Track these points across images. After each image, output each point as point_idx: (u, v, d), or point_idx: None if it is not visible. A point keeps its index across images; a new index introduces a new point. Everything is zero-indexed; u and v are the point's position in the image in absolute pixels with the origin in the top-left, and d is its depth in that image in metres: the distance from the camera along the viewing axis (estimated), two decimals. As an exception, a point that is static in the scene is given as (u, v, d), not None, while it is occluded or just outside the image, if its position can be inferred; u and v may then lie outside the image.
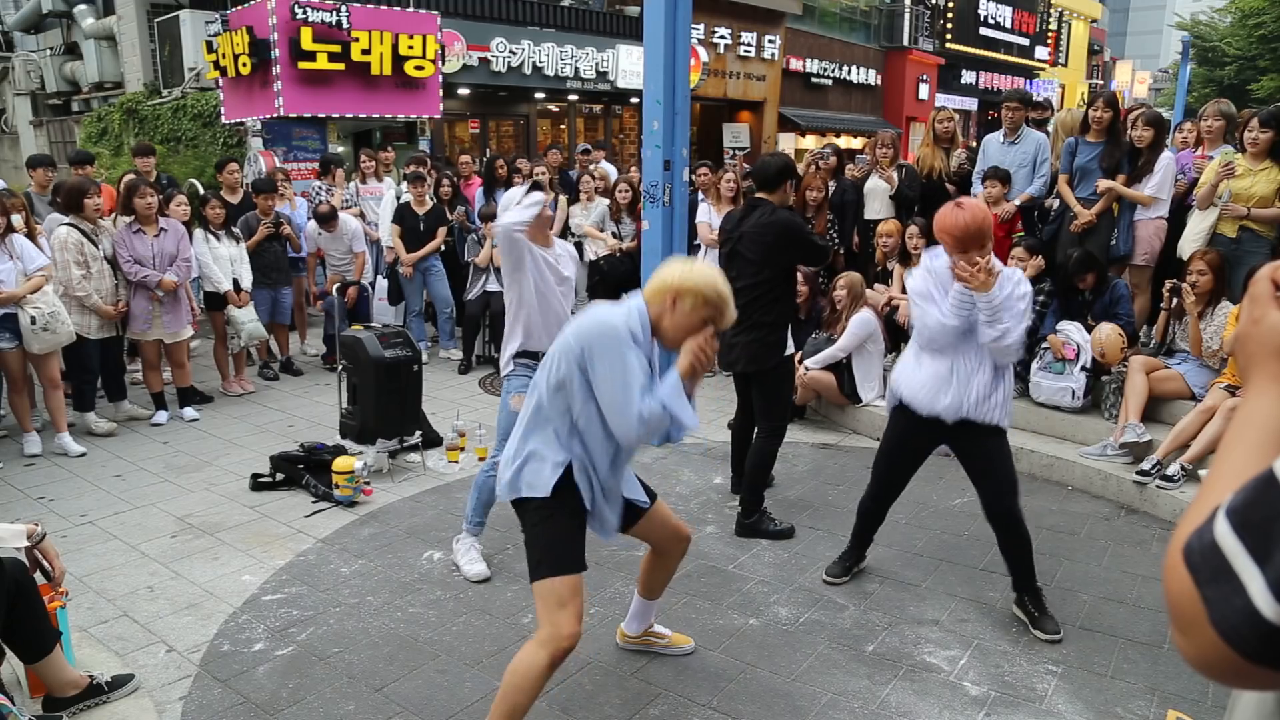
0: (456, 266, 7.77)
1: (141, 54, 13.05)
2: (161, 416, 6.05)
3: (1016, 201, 6.07)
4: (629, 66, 14.93)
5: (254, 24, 10.10)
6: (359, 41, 10.37)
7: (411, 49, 10.82)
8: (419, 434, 5.24)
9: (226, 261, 6.56)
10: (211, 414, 6.27)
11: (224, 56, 10.56)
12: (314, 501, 4.69)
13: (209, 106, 11.54)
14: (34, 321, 5.11)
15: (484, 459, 5.33)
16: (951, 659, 3.26)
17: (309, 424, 6.05)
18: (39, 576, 2.83)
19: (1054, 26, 30.06)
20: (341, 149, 10.95)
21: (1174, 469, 4.54)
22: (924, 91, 23.76)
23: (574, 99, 15.98)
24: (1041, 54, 29.03)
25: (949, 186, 6.56)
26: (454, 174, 8.37)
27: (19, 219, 5.42)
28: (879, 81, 23.11)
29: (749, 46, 18.08)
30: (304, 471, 4.86)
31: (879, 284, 6.51)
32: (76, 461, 5.30)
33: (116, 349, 6.08)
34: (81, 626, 3.38)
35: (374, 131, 12.07)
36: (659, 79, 5.23)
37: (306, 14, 9.89)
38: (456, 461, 5.26)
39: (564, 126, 16.65)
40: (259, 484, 4.85)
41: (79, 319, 5.51)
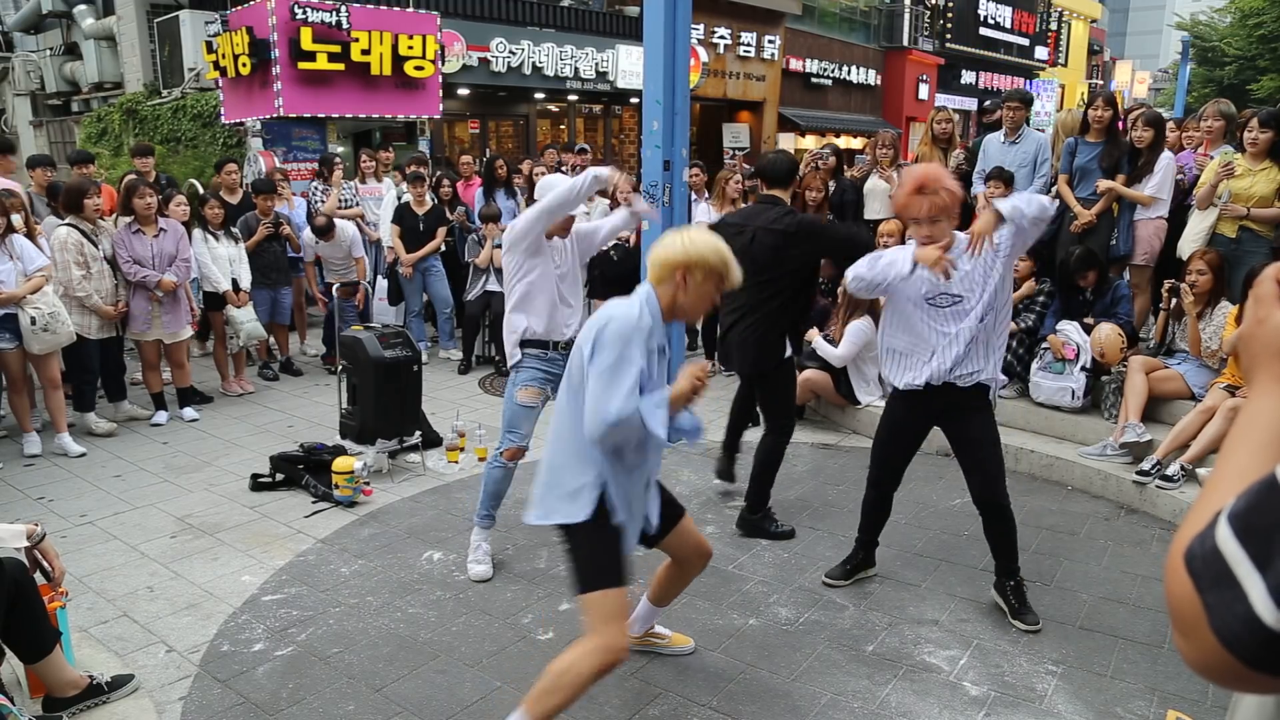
0: (456, 267, 7.77)
1: (141, 54, 13.05)
2: (161, 417, 6.05)
3: (1016, 202, 6.07)
4: (629, 66, 14.93)
5: (254, 24, 10.10)
6: (359, 42, 10.36)
7: (411, 49, 10.81)
8: (419, 434, 5.24)
9: (225, 262, 6.56)
10: (211, 414, 6.27)
11: (224, 57, 10.56)
12: (314, 502, 4.69)
13: (209, 107, 11.54)
14: (34, 322, 5.11)
15: (483, 459, 5.33)
16: (951, 659, 3.26)
17: (309, 424, 6.05)
18: (39, 577, 2.83)
19: (1054, 26, 30.06)
20: (341, 149, 10.95)
21: (1174, 469, 4.54)
22: (924, 91, 23.75)
23: (574, 99, 15.99)
24: (1041, 54, 29.02)
25: None
26: (454, 174, 8.37)
27: (19, 219, 5.42)
28: (879, 81, 23.11)
29: (749, 46, 18.08)
30: (304, 472, 4.86)
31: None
32: (76, 462, 5.30)
33: (116, 349, 6.08)
34: (81, 627, 3.38)
35: (374, 132, 12.07)
36: (659, 79, 5.24)
37: (306, 14, 9.89)
38: (456, 462, 5.26)
39: (564, 127, 16.65)
40: (259, 484, 4.85)
41: (79, 319, 5.51)
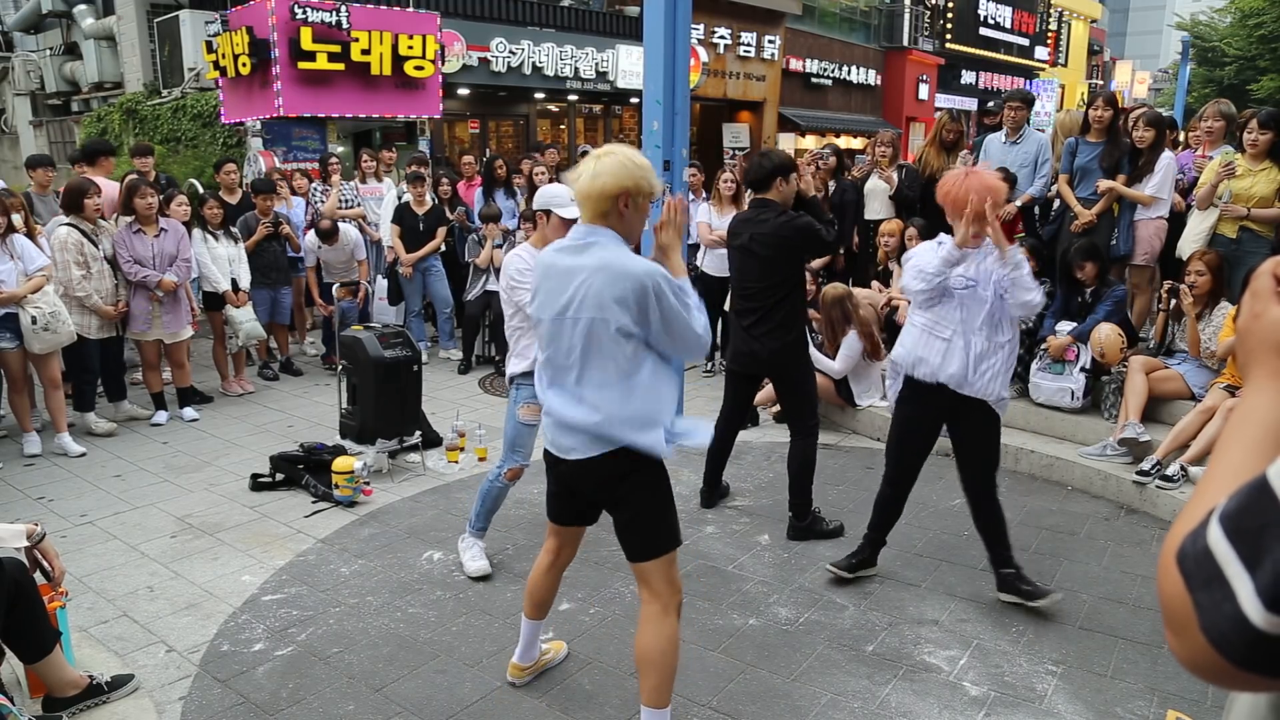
0: (456, 267, 7.77)
1: (141, 54, 13.05)
2: (161, 417, 6.05)
3: (1018, 203, 6.07)
4: (629, 66, 14.93)
5: (254, 24, 10.09)
6: (359, 42, 10.36)
7: (411, 49, 10.81)
8: (419, 434, 5.24)
9: (225, 262, 6.56)
10: (211, 414, 6.27)
11: (224, 56, 10.56)
12: (314, 502, 4.69)
13: (209, 107, 11.54)
14: (35, 321, 5.11)
15: (483, 459, 5.34)
16: (951, 659, 3.26)
17: (309, 424, 6.05)
18: (39, 576, 2.83)
19: (1054, 26, 30.06)
20: (341, 149, 10.95)
21: (1173, 469, 4.54)
22: (924, 92, 23.76)
23: (574, 99, 15.98)
24: (1041, 54, 29.02)
25: None
26: (454, 174, 8.36)
27: (19, 219, 5.42)
28: (879, 82, 23.10)
29: (749, 47, 18.07)
30: (304, 472, 4.86)
31: (878, 283, 6.52)
32: (76, 462, 5.30)
33: (116, 349, 6.08)
34: (81, 626, 3.38)
35: (374, 132, 12.07)
36: (659, 79, 5.23)
37: (306, 14, 9.88)
38: (456, 462, 5.26)
39: (564, 127, 16.65)
40: (259, 484, 4.85)
41: (79, 319, 5.51)
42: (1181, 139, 6.72)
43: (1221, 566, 0.76)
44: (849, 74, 21.86)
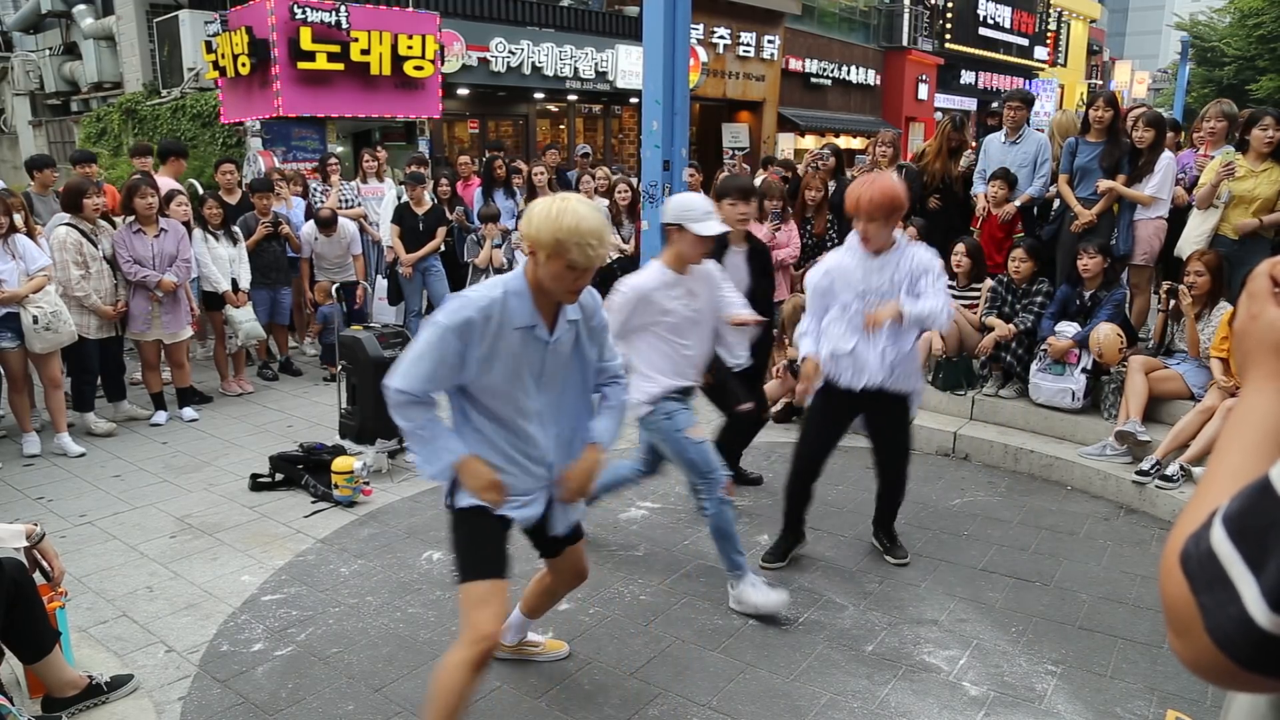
0: (456, 267, 7.77)
1: (141, 54, 13.05)
2: (161, 417, 6.05)
3: (1017, 203, 6.07)
4: (628, 66, 14.93)
5: (253, 24, 10.10)
6: (358, 42, 10.36)
7: (411, 49, 10.82)
8: (418, 434, 5.23)
9: (225, 262, 6.56)
10: (210, 414, 6.27)
11: (223, 57, 10.56)
12: (313, 502, 4.69)
13: (208, 107, 11.54)
14: (36, 321, 5.11)
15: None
16: (951, 659, 3.26)
17: (308, 424, 6.05)
18: (38, 577, 2.83)
19: (1053, 26, 30.08)
20: (341, 149, 10.95)
21: (1173, 469, 4.54)
22: (923, 91, 23.77)
23: (573, 99, 15.99)
24: (1041, 54, 29.05)
25: (954, 190, 6.59)
26: (453, 174, 8.36)
27: (20, 218, 5.42)
28: (878, 82, 23.12)
29: (748, 47, 18.08)
30: (303, 472, 4.85)
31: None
32: (76, 462, 5.30)
33: (116, 349, 6.07)
34: (81, 627, 3.38)
35: (373, 132, 12.07)
36: (658, 79, 5.24)
37: (306, 14, 9.89)
38: (456, 462, 5.25)
39: (563, 127, 16.66)
40: (258, 484, 4.85)
41: (78, 319, 5.50)
42: (1183, 139, 6.71)
43: (1225, 568, 0.76)
44: (848, 74, 21.88)
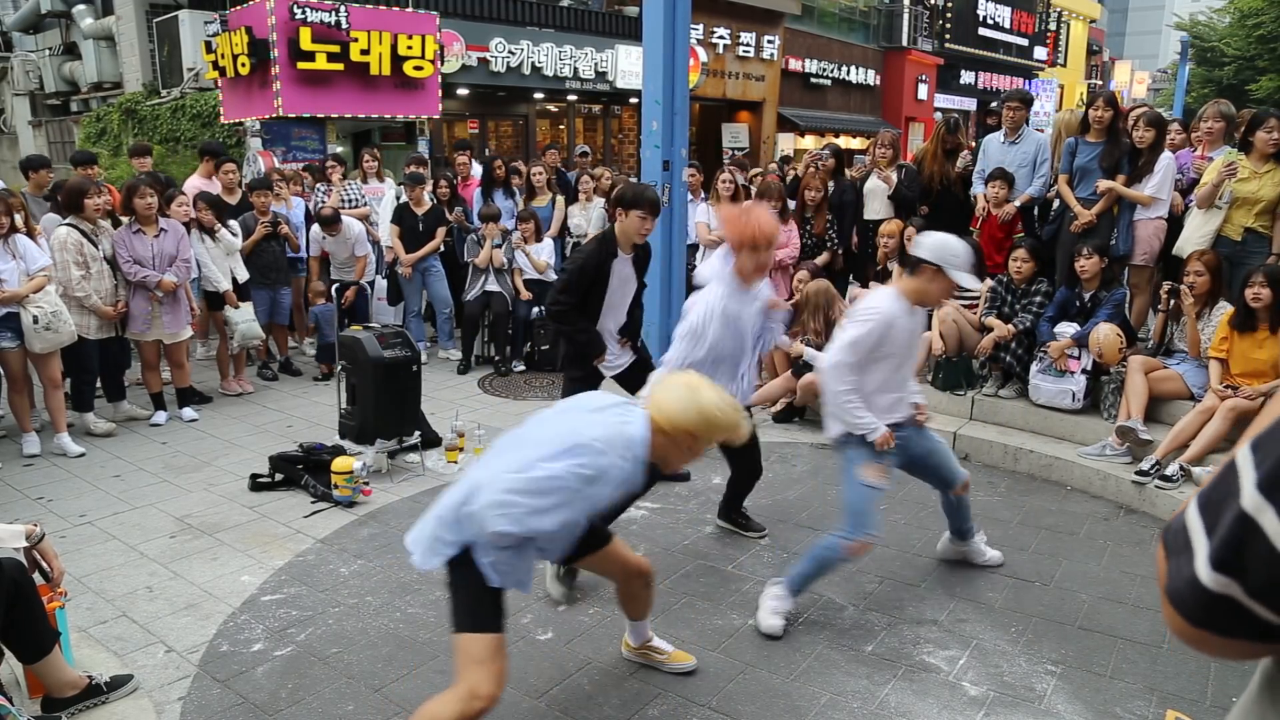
0: (455, 267, 7.77)
1: (140, 54, 13.05)
2: (160, 417, 6.04)
3: (1017, 203, 6.07)
4: (628, 67, 14.93)
5: (253, 24, 10.10)
6: (358, 42, 10.37)
7: (410, 49, 10.82)
8: (418, 434, 5.24)
9: (224, 259, 6.55)
10: (210, 414, 6.27)
11: (223, 57, 10.56)
12: (313, 502, 4.68)
13: (208, 107, 11.54)
14: (36, 320, 5.11)
15: (479, 455, 5.31)
16: (951, 659, 3.26)
17: (308, 424, 6.05)
18: (38, 577, 2.83)
19: (1053, 27, 30.07)
20: (340, 149, 10.95)
21: (1173, 469, 4.54)
22: (923, 92, 23.77)
23: (573, 99, 15.99)
24: (1040, 54, 29.04)
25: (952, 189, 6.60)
26: (452, 174, 8.36)
27: (20, 218, 5.42)
28: (878, 82, 23.12)
29: (748, 47, 18.08)
30: (303, 472, 4.85)
31: (877, 283, 6.51)
32: (75, 462, 5.30)
33: (116, 349, 6.07)
34: (80, 627, 3.38)
35: (373, 132, 12.07)
36: (658, 79, 5.24)
37: (305, 14, 9.89)
38: (455, 462, 5.26)
39: (563, 127, 16.65)
40: (258, 484, 4.85)
41: (78, 319, 5.50)
42: (1182, 137, 6.69)
43: (1190, 536, 0.85)
44: (848, 74, 21.87)
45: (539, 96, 15.38)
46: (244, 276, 6.66)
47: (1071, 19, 32.26)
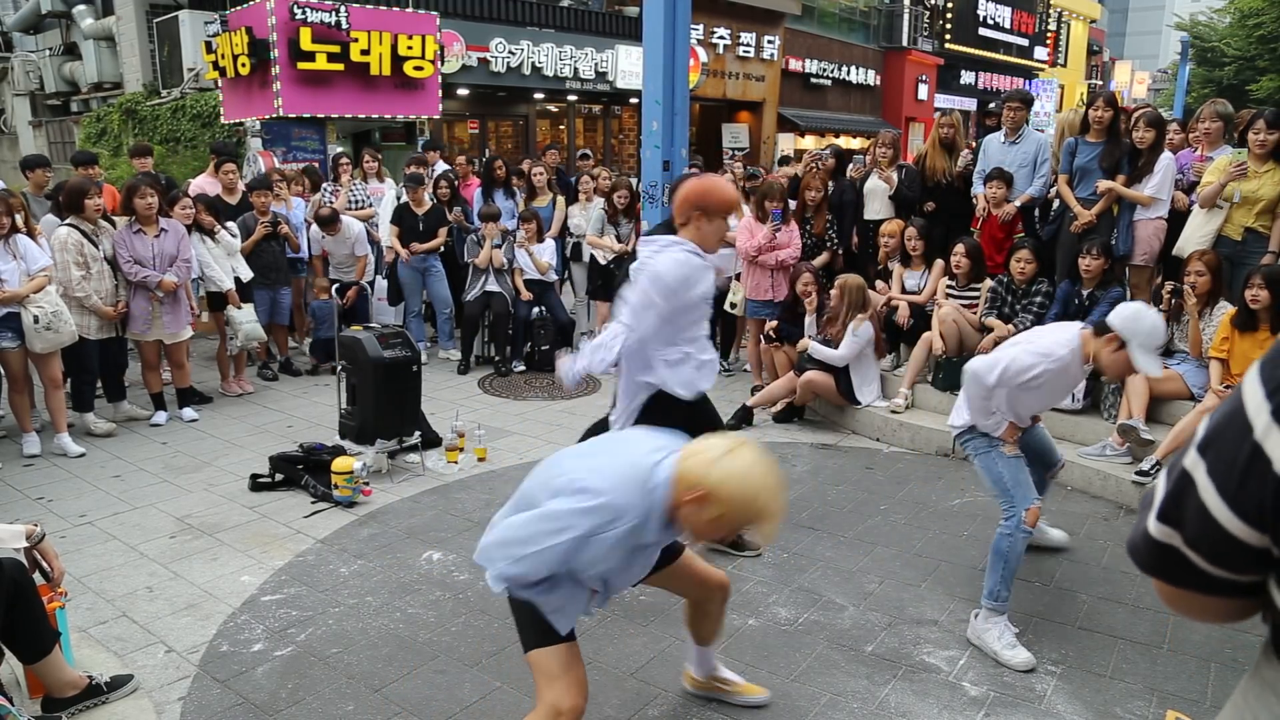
0: (455, 267, 7.77)
1: (140, 54, 13.06)
2: (160, 417, 6.04)
3: (1017, 203, 6.07)
4: (628, 67, 14.94)
5: (253, 24, 10.10)
6: (358, 42, 10.37)
7: (410, 49, 10.82)
8: (418, 434, 5.24)
9: (225, 259, 6.54)
10: (210, 414, 6.27)
11: (223, 57, 10.57)
12: (313, 502, 4.68)
13: (208, 107, 11.54)
14: (37, 320, 5.11)
15: (482, 459, 5.33)
16: (951, 659, 3.26)
17: (308, 424, 6.05)
18: (38, 577, 2.83)
19: (1053, 27, 30.08)
20: (340, 149, 10.96)
21: (1173, 469, 4.53)
22: (923, 92, 23.77)
23: (573, 99, 16.00)
24: (1040, 54, 29.05)
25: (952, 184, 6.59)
26: (452, 174, 8.37)
27: (21, 218, 5.42)
28: (878, 82, 23.12)
29: (748, 47, 18.08)
30: (303, 472, 4.85)
31: (879, 283, 6.51)
32: (75, 462, 5.30)
33: (116, 349, 6.07)
34: (80, 627, 3.38)
35: (373, 132, 12.08)
36: (658, 79, 5.25)
37: (305, 14, 9.89)
38: (455, 462, 5.26)
39: (563, 127, 16.66)
40: (258, 484, 4.85)
41: (78, 319, 5.50)
42: (1180, 138, 6.69)
43: (1154, 495, 0.97)
44: (848, 74, 21.88)
45: (539, 97, 15.39)
46: (248, 276, 6.66)
47: (1071, 19, 32.27)
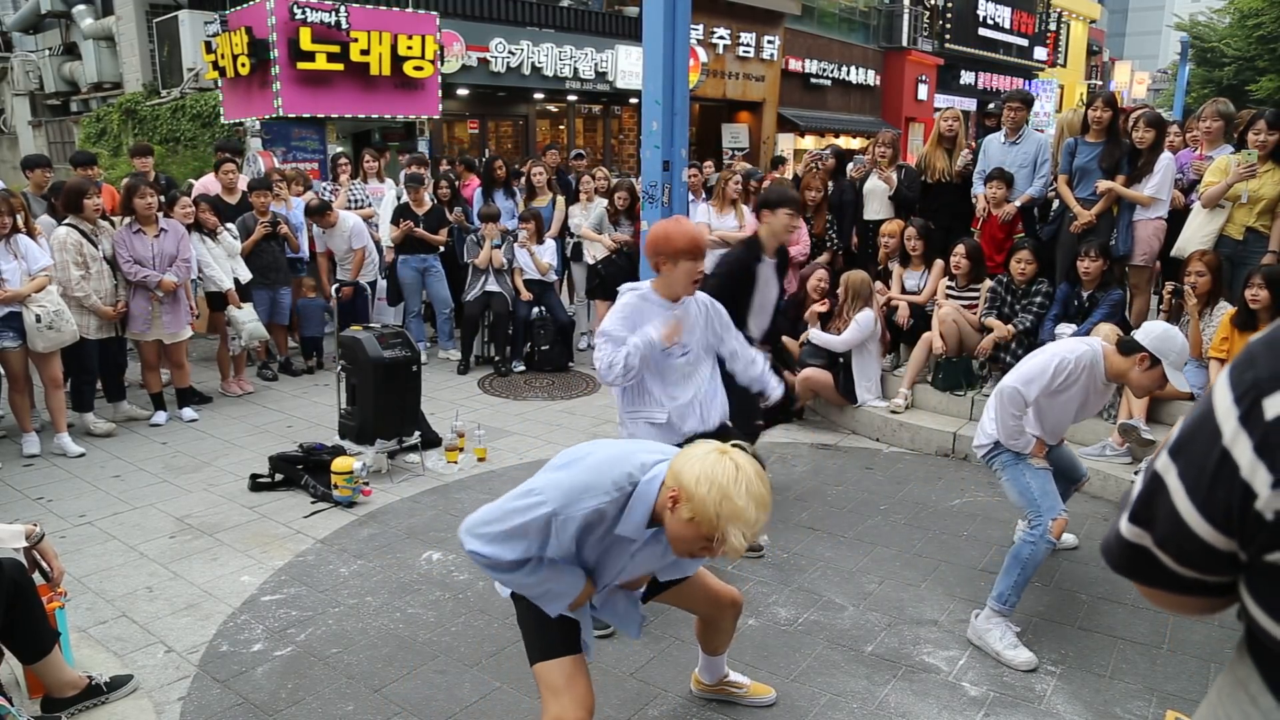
0: (455, 267, 7.77)
1: (140, 54, 13.06)
2: (160, 417, 6.04)
3: (1017, 203, 6.07)
4: (628, 67, 14.94)
5: (253, 24, 10.10)
6: (358, 42, 10.37)
7: (410, 49, 10.82)
8: (418, 434, 5.24)
9: (225, 260, 6.54)
10: (210, 414, 6.27)
11: (223, 57, 10.57)
12: (313, 502, 4.68)
13: (208, 107, 11.54)
14: (39, 320, 5.11)
15: (482, 459, 5.33)
16: (950, 659, 3.26)
17: (308, 424, 6.05)
18: (38, 577, 2.83)
19: (1053, 27, 30.07)
20: (340, 149, 10.96)
21: (1173, 469, 4.53)
22: (923, 92, 23.77)
23: (573, 99, 15.99)
24: (1040, 54, 29.04)
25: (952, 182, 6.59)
26: (452, 175, 8.37)
27: (21, 218, 5.42)
28: (878, 82, 23.12)
29: (748, 47, 18.08)
30: (303, 472, 4.86)
31: (879, 284, 6.51)
32: (75, 462, 5.30)
33: (116, 349, 6.07)
34: (80, 627, 3.38)
35: (373, 132, 12.08)
36: (658, 79, 5.24)
37: (305, 14, 9.89)
38: (455, 462, 5.26)
39: (563, 127, 16.66)
40: (258, 484, 4.85)
41: (78, 319, 5.50)
42: (1180, 139, 6.69)
43: (1131, 496, 0.98)
44: (848, 74, 21.88)
45: (539, 97, 15.39)
46: (246, 277, 6.66)
47: (1071, 19, 32.27)
